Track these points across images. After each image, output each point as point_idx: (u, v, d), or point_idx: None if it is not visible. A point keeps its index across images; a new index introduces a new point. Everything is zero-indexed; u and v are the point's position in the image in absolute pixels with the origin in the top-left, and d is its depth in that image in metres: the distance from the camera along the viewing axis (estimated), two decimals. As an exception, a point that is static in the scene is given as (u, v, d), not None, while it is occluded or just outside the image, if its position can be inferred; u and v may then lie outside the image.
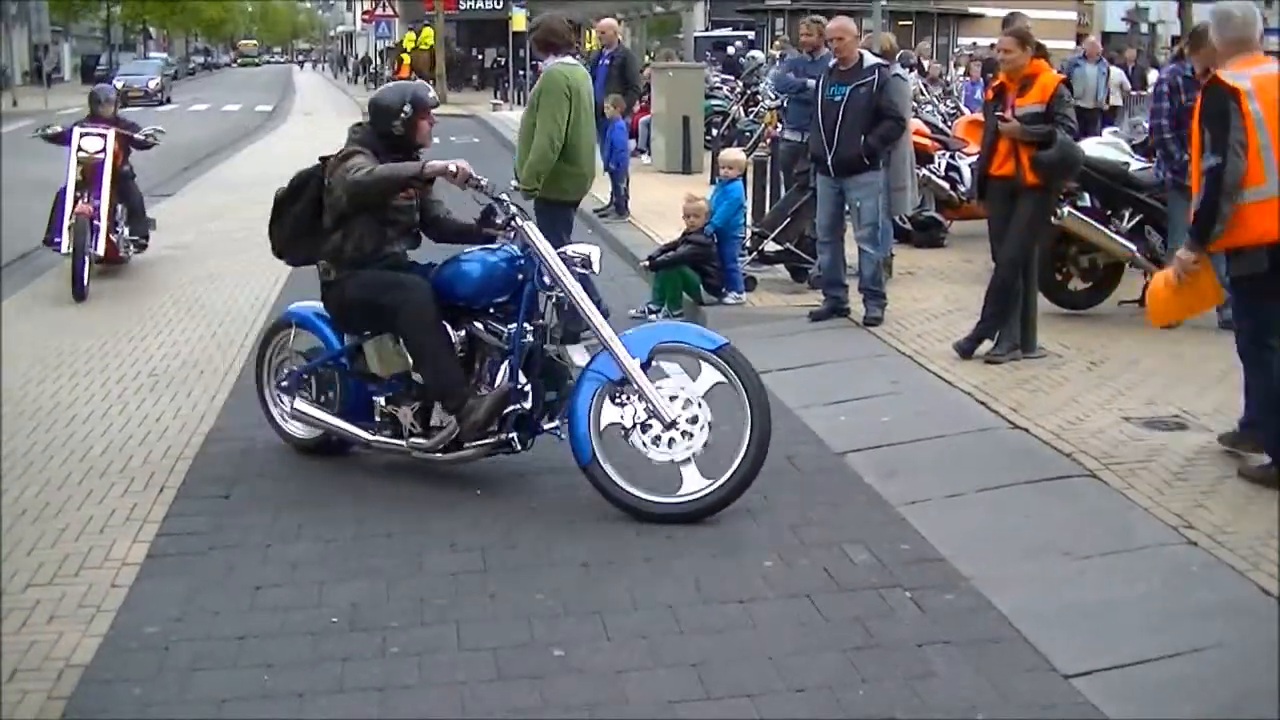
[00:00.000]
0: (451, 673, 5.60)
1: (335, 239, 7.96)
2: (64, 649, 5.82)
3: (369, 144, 8.01)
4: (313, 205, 8.09)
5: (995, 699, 5.31)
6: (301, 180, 8.21)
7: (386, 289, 7.80)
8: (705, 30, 53.48)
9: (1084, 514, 7.17)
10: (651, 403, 7.32)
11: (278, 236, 8.46)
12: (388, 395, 8.04)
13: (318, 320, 8.41)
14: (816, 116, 11.66)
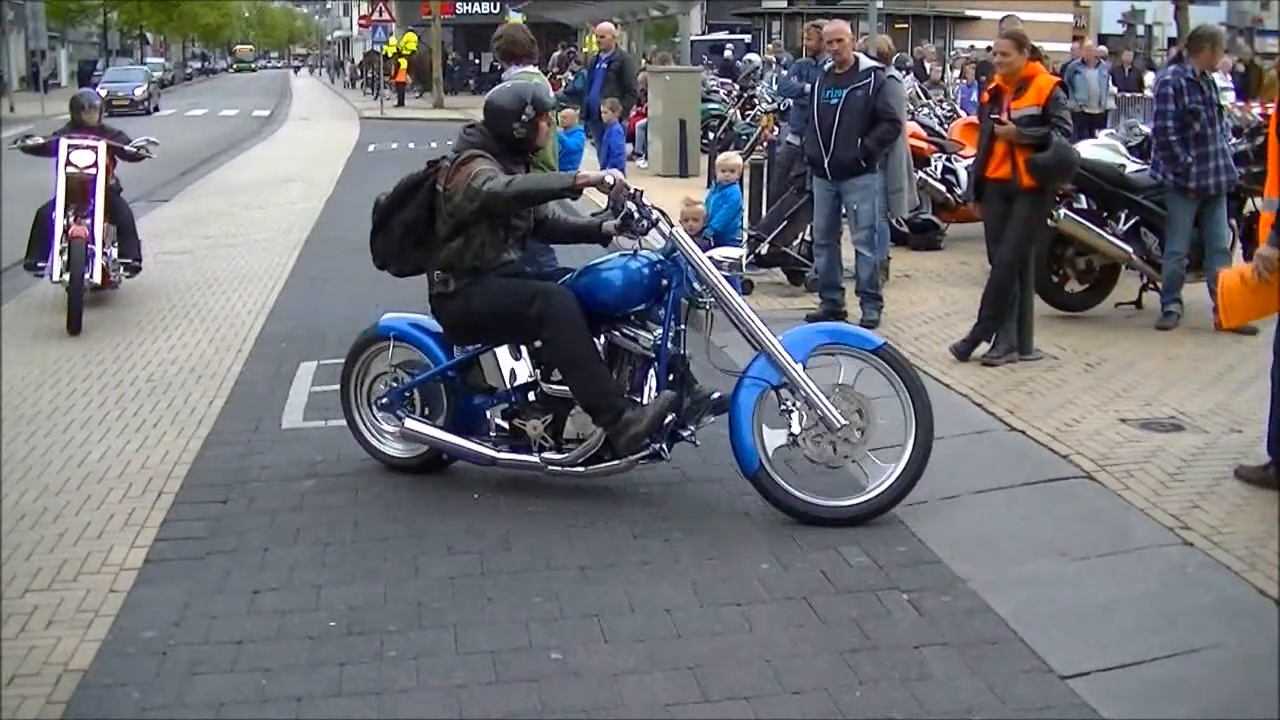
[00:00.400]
0: (449, 676, 5.60)
1: (453, 248, 7.67)
2: (62, 654, 5.83)
3: (486, 147, 7.71)
4: (424, 213, 7.80)
5: (992, 700, 5.32)
6: (408, 187, 7.87)
7: (530, 298, 7.50)
8: (702, 34, 53.57)
9: (1081, 515, 7.18)
10: (820, 407, 7.24)
11: (383, 246, 8.09)
12: (506, 409, 7.88)
13: (419, 333, 8.15)
14: (813, 120, 11.66)
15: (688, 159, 23.20)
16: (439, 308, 7.88)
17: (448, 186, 7.60)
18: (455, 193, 7.54)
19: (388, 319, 8.36)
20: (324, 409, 9.59)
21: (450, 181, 7.59)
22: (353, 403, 8.38)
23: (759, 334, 7.39)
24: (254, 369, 10.92)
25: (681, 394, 7.57)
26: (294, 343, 11.73)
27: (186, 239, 18.29)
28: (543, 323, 7.45)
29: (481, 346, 7.86)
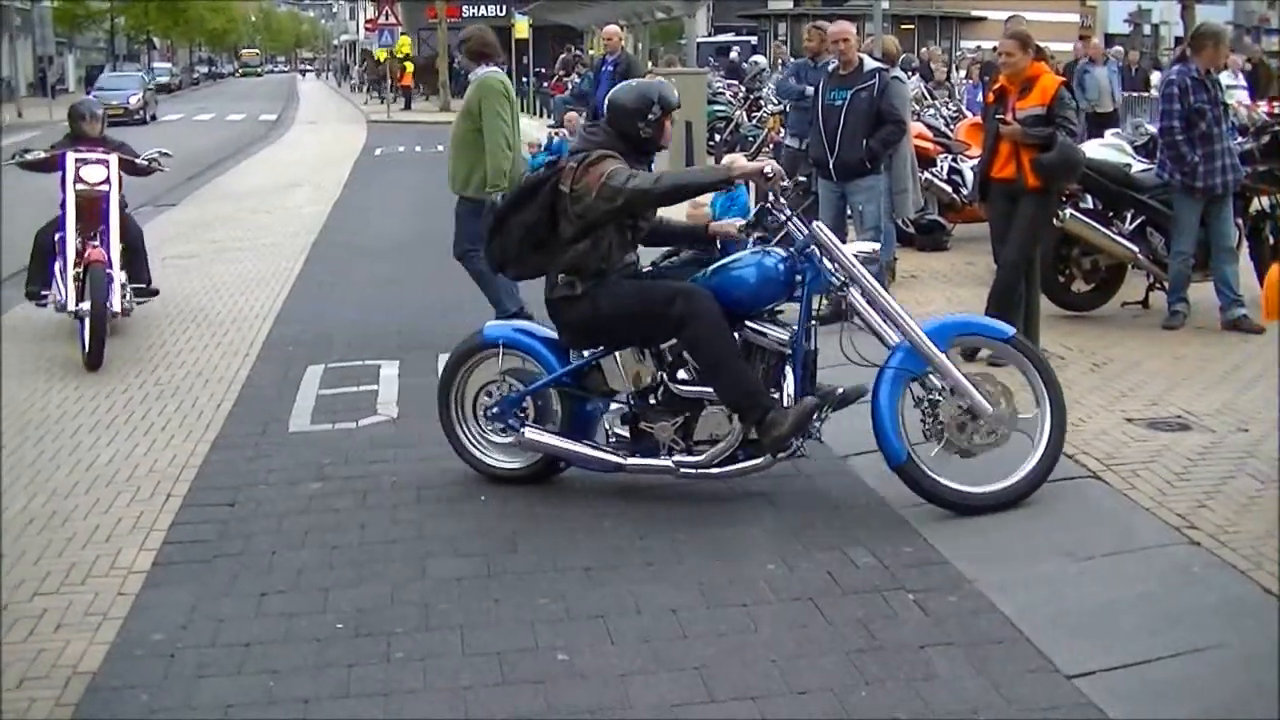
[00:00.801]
0: (456, 677, 5.62)
1: (580, 249, 7.53)
2: (71, 656, 5.85)
3: (612, 146, 7.58)
4: (546, 215, 7.63)
5: (998, 700, 5.33)
6: (528, 189, 7.73)
7: (669, 299, 7.38)
8: (708, 36, 53.58)
9: (1087, 515, 7.18)
10: (968, 394, 7.27)
11: (501, 249, 7.88)
12: (625, 413, 7.78)
13: (529, 339, 8.02)
14: (817, 121, 11.68)
15: (694, 161, 23.15)
16: (562, 311, 7.70)
17: (575, 187, 7.45)
18: (585, 193, 7.41)
19: (492, 327, 8.23)
20: (331, 412, 9.63)
21: (578, 182, 7.45)
22: (454, 416, 8.15)
23: (904, 324, 7.37)
24: (261, 373, 10.94)
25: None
26: (301, 347, 11.75)
27: (193, 244, 18.31)
28: (685, 323, 7.34)
29: (602, 350, 7.75)
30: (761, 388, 7.42)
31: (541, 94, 46.03)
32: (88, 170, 12.00)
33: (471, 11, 68.18)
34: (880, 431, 7.30)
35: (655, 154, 7.90)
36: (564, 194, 7.51)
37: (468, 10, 68.11)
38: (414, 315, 13.08)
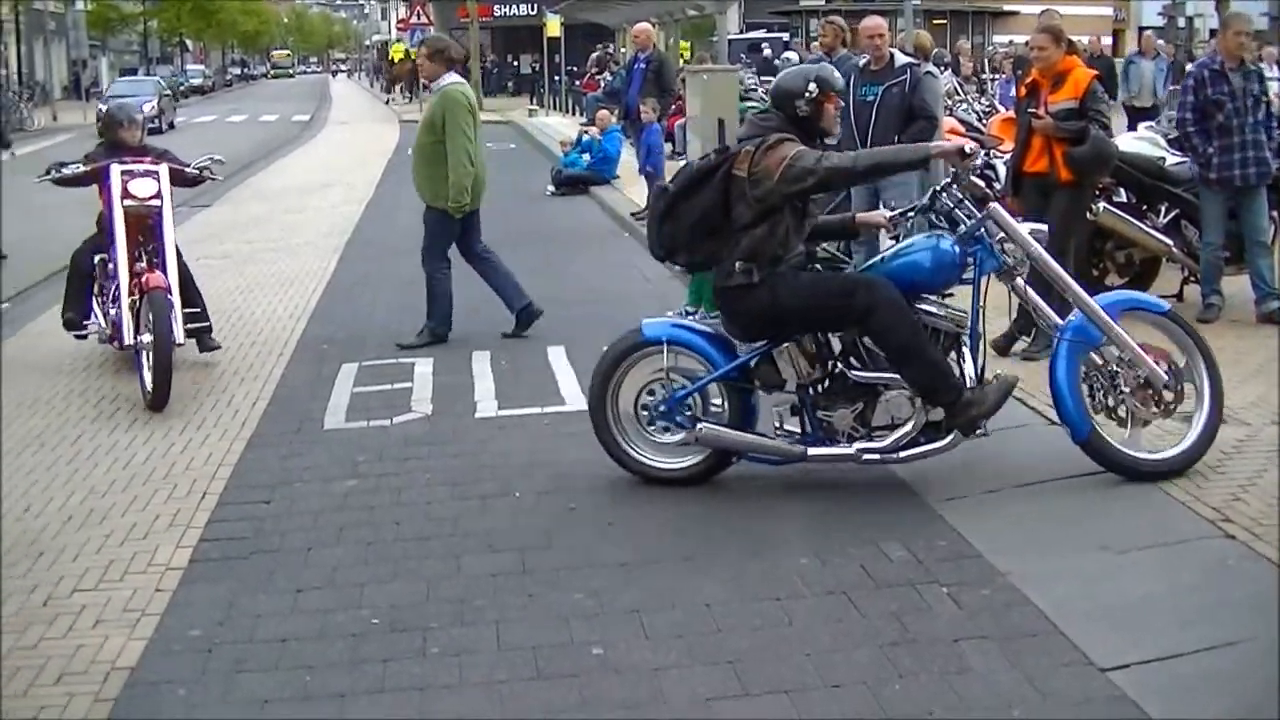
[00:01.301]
0: (491, 672, 5.64)
1: (757, 235, 7.44)
2: (109, 652, 5.90)
3: (784, 130, 7.49)
4: (720, 200, 7.52)
5: (1032, 694, 5.32)
6: (699, 174, 7.61)
7: (851, 289, 7.43)
8: (740, 33, 53.53)
9: (1121, 509, 7.16)
10: (1144, 365, 7.37)
11: (670, 236, 7.75)
12: (793, 403, 7.71)
13: (691, 334, 7.90)
14: (849, 116, 11.63)
15: (726, 157, 23.15)
16: (737, 300, 7.60)
17: (754, 171, 7.38)
18: (765, 176, 7.34)
19: (651, 324, 8.00)
20: (365, 410, 9.66)
21: (757, 165, 7.37)
22: (609, 418, 7.96)
23: (1081, 299, 7.45)
24: (296, 371, 10.99)
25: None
26: (335, 345, 11.79)
27: (227, 243, 18.39)
28: (871, 312, 7.33)
29: (769, 341, 7.67)
30: (952, 370, 7.48)
31: (574, 92, 46.04)
32: (137, 184, 10.74)
33: (503, 10, 68.35)
34: (1062, 405, 7.42)
35: (824, 138, 7.79)
36: (739, 179, 7.45)
37: (499, 9, 68.25)
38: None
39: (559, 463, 8.35)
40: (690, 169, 7.75)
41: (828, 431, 7.64)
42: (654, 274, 14.98)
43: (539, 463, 8.37)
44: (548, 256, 16.70)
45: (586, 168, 23.61)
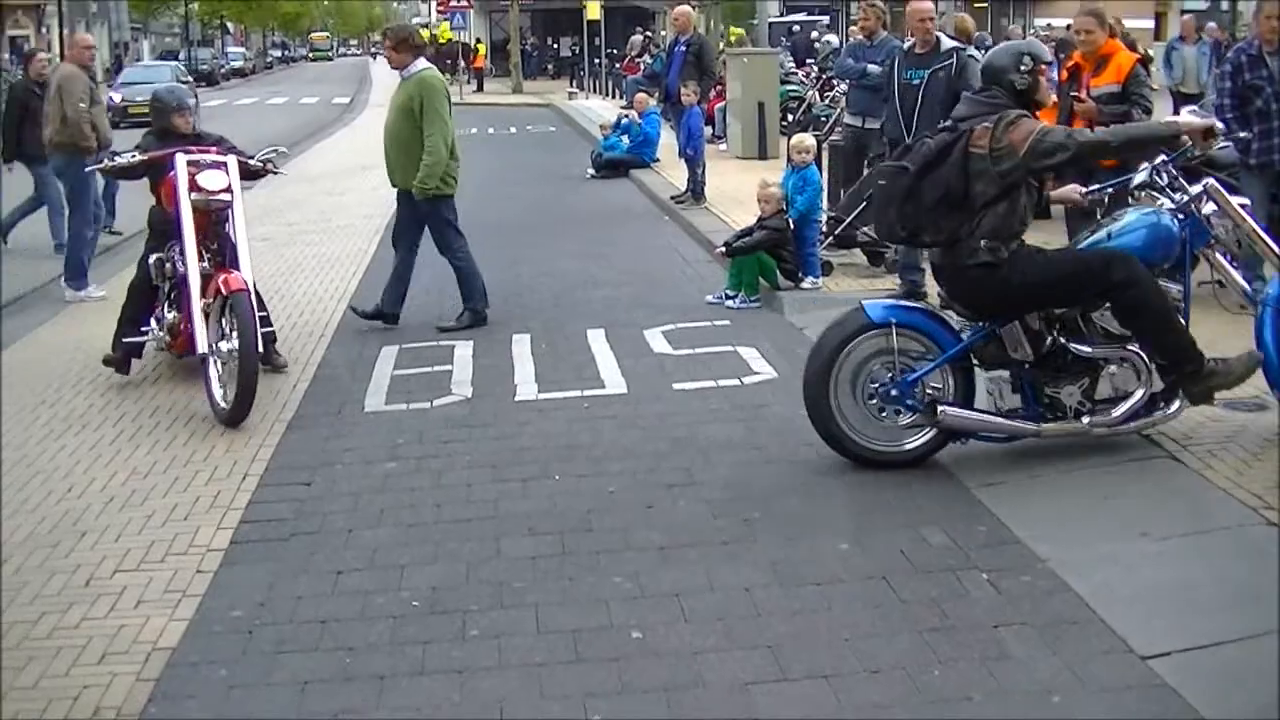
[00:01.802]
0: (530, 655, 5.66)
1: (999, 212, 7.44)
2: (151, 632, 5.94)
3: (1008, 105, 7.52)
4: (961, 177, 7.44)
5: (1071, 680, 5.31)
6: (937, 152, 7.52)
7: (1105, 264, 7.39)
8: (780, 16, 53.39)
9: (1162, 495, 7.14)
10: None
11: (914, 214, 7.60)
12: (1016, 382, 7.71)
13: (918, 315, 7.81)
14: (894, 100, 11.59)
15: (767, 141, 23.17)
16: (979, 277, 7.55)
17: (996, 148, 7.36)
18: (1008, 153, 7.34)
19: (875, 305, 7.85)
20: (406, 392, 9.69)
21: (999, 142, 7.36)
22: (831, 403, 7.75)
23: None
24: (336, 354, 11.03)
25: None
26: (375, 328, 11.81)
27: (268, 225, 18.43)
28: (1128, 287, 7.36)
29: (995, 319, 7.65)
30: (1192, 339, 7.55)
31: (614, 75, 46.01)
32: (206, 176, 9.84)
33: (543, -7, 68.29)
34: (1271, 369, 7.50)
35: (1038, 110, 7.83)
36: (979, 155, 7.44)
37: (539, -8, 68.21)
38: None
39: (598, 446, 8.37)
40: (925, 148, 7.64)
41: (1050, 407, 7.68)
42: (693, 257, 15.02)
43: (578, 446, 8.39)
44: (588, 239, 16.72)
45: (626, 151, 23.59)
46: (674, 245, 16.11)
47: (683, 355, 10.55)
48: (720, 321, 11.74)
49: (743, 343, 10.82)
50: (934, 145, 7.56)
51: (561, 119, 39.10)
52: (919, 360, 7.71)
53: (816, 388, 7.76)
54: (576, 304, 12.62)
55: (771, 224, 12.54)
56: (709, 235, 15.44)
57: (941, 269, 7.82)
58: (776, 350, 10.54)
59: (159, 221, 10.38)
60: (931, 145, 7.58)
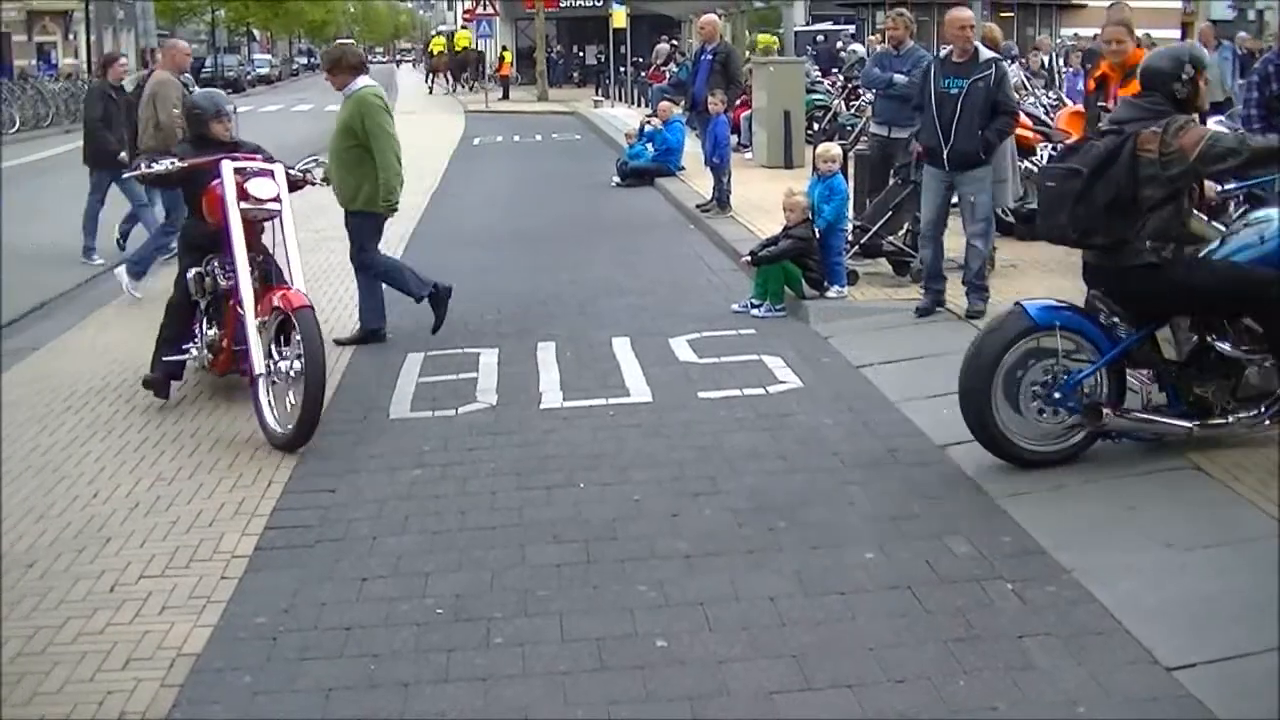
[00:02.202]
0: (555, 663, 5.66)
1: (1165, 214, 7.50)
2: (176, 638, 5.96)
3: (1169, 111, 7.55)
4: (1131, 180, 7.46)
5: (1097, 691, 5.30)
6: (1104, 157, 7.51)
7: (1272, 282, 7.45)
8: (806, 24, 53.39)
9: (1188, 506, 7.11)
10: None
11: (1087, 216, 7.58)
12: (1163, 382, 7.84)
13: (1078, 317, 7.80)
14: (930, 109, 11.45)
15: (792, 150, 23.15)
16: (1145, 279, 7.61)
17: (1166, 153, 7.40)
18: (1178, 158, 7.38)
19: (1037, 306, 7.86)
20: (431, 399, 9.70)
21: (1168, 147, 7.40)
22: (993, 404, 7.75)
23: None
24: (361, 360, 11.03)
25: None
26: (401, 334, 11.81)
27: (295, 232, 18.43)
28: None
29: (1154, 321, 7.76)
30: None
31: (639, 83, 46.05)
32: (255, 184, 9.43)
33: (569, 1, 68.31)
34: None
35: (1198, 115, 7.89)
36: (1147, 159, 7.46)
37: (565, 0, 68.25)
38: (512, 303, 13.14)
39: (623, 454, 8.37)
40: (1095, 150, 7.65)
41: (1196, 405, 7.74)
42: (718, 266, 15.01)
43: (603, 454, 8.39)
44: (613, 247, 16.72)
45: (652, 159, 23.59)
46: (699, 254, 16.11)
47: (708, 364, 10.54)
48: (745, 330, 11.74)
49: (768, 351, 10.81)
50: (1103, 148, 7.58)
51: (587, 127, 39.12)
52: (1074, 361, 7.76)
53: (978, 390, 7.75)
54: (602, 312, 12.62)
55: (797, 233, 12.53)
56: (734, 244, 15.44)
57: (1101, 270, 7.85)
58: (801, 359, 10.54)
59: (196, 234, 9.92)
60: (1100, 148, 7.59)
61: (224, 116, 10.03)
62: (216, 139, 9.91)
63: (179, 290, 9.89)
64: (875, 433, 8.61)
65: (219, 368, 9.76)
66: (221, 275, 9.51)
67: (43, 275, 15.30)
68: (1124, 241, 7.58)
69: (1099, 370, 7.74)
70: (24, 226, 18.45)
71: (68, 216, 16.70)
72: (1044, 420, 7.78)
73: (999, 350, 7.75)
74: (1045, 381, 7.73)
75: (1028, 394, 7.74)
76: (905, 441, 8.45)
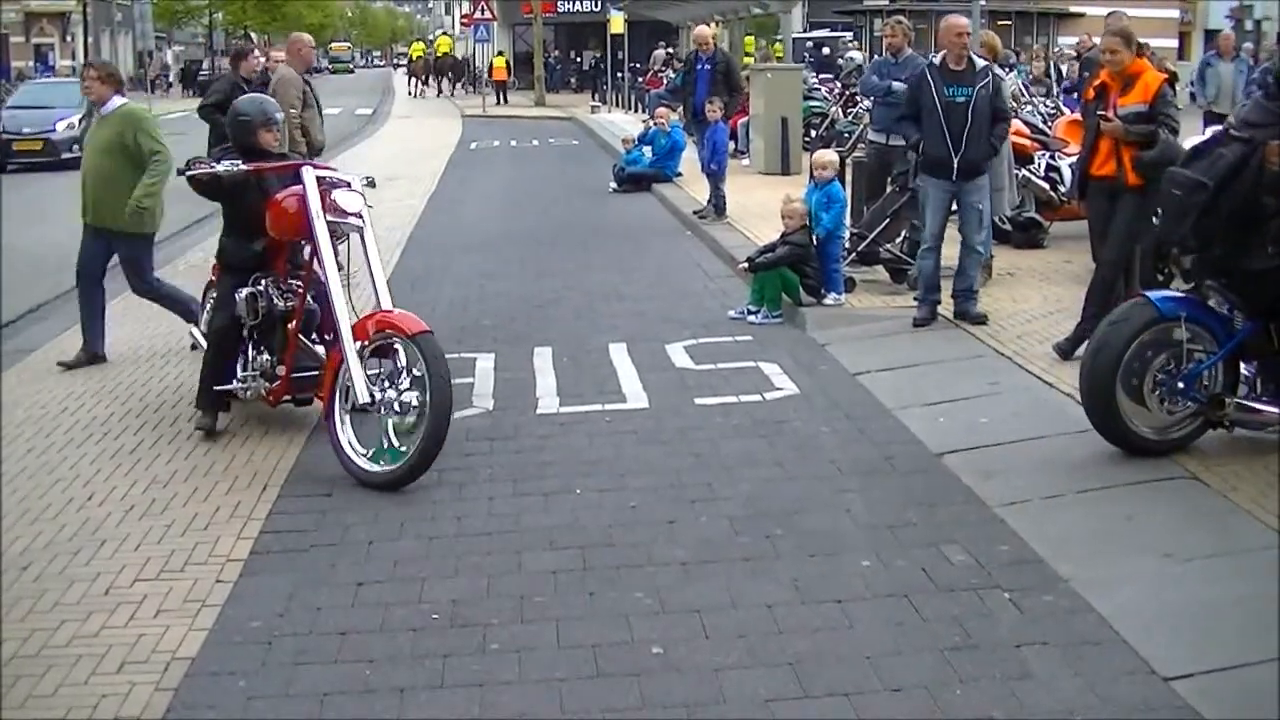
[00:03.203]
0: (551, 670, 5.65)
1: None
2: (170, 642, 5.94)
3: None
4: (1253, 191, 7.54)
5: (1094, 701, 5.29)
6: (1229, 171, 7.58)
7: None
8: (804, 31, 53.41)
9: (1185, 516, 7.12)
10: None
11: (1209, 228, 7.69)
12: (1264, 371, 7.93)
13: (1199, 308, 7.89)
14: (938, 118, 11.33)
15: (790, 157, 23.17)
16: (1271, 279, 7.62)
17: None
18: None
19: (1164, 297, 8.02)
20: (427, 404, 9.66)
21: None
22: (1118, 395, 7.82)
23: None
24: (358, 364, 10.99)
25: None
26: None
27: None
28: None
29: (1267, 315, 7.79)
30: None
31: (636, 89, 46.07)
32: (342, 196, 8.70)
33: (566, 7, 68.38)
34: None
35: None
36: (1273, 171, 7.50)
37: (562, 6, 68.30)
38: (509, 308, 13.14)
39: (620, 460, 8.36)
40: (1221, 161, 7.68)
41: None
42: (715, 272, 15.01)
43: (600, 460, 8.38)
44: (610, 253, 16.72)
45: (650, 165, 23.58)
46: (696, 260, 16.10)
47: (704, 370, 10.53)
48: (742, 337, 11.73)
49: (765, 358, 10.81)
50: (1230, 158, 7.62)
51: (584, 132, 39.18)
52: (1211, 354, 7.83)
53: (1104, 377, 7.81)
54: (598, 318, 12.62)
55: (795, 239, 12.52)
56: (731, 250, 15.44)
57: (1220, 270, 7.88)
58: (798, 366, 10.53)
59: (239, 253, 9.13)
60: (1228, 158, 7.63)
61: (274, 125, 9.22)
62: (265, 149, 9.11)
63: (225, 314, 8.99)
64: (872, 440, 8.61)
65: (274, 396, 9.02)
66: (278, 296, 8.92)
67: (38, 278, 15.25)
68: (1246, 247, 7.63)
69: (1218, 361, 7.81)
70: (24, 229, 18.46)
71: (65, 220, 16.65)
72: (1165, 409, 7.87)
73: (1125, 341, 7.82)
74: (1169, 371, 7.81)
75: (1150, 384, 7.83)
76: (902, 449, 8.45)
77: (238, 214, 9.16)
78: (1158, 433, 7.91)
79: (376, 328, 8.27)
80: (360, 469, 8.05)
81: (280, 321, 8.98)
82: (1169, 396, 7.83)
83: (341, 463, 8.14)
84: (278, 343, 9.01)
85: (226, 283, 9.09)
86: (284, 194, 8.77)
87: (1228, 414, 7.82)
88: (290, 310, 8.95)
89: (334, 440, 8.23)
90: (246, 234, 9.10)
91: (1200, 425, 7.94)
